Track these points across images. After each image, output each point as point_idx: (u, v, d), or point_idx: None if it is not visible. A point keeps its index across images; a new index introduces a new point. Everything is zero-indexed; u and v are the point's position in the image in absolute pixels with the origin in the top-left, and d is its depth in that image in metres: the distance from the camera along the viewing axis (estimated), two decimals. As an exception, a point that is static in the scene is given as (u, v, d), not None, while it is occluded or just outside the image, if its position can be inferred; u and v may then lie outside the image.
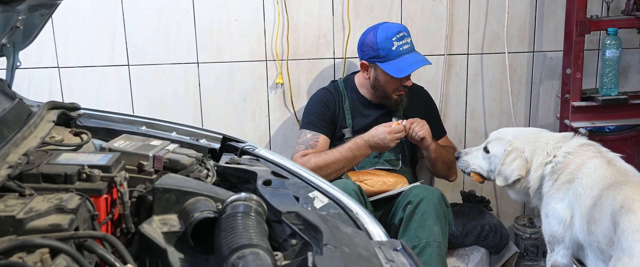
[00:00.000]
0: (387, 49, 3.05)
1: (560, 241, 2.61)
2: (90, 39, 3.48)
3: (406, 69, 3.06)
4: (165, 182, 1.55)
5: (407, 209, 2.85)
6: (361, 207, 1.71)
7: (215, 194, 1.55)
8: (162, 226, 1.47)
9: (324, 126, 3.21)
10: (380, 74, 3.12)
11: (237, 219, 1.37)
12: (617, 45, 3.22)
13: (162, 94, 3.58)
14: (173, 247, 1.44)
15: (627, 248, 2.15)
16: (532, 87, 3.73)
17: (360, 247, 1.37)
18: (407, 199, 2.89)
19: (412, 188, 2.97)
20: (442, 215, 2.84)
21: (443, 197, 2.92)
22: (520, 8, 3.60)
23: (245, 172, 1.79)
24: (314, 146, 3.16)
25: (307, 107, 3.31)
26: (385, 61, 3.07)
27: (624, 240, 2.17)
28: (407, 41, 3.10)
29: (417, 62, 3.09)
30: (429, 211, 2.80)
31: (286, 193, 1.64)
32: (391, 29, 3.08)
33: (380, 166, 3.22)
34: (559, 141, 2.73)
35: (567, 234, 2.58)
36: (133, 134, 2.00)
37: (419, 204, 2.83)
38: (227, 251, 1.27)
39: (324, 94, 3.29)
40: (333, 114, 3.24)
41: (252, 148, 2.07)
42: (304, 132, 3.23)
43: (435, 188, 2.97)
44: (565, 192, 2.59)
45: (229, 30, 3.51)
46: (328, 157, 3.07)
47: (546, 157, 2.70)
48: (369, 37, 3.11)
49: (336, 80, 3.40)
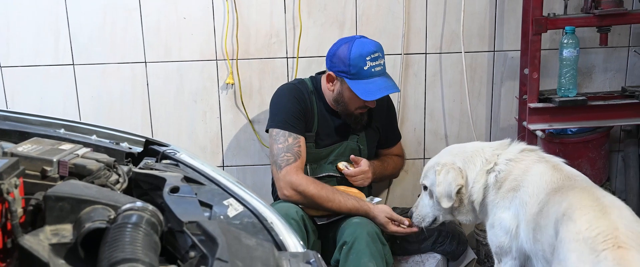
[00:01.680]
0: (359, 67, 2.90)
1: (507, 251, 2.51)
2: (33, 37, 3.36)
3: (374, 93, 2.93)
4: (60, 189, 1.43)
5: (343, 250, 2.80)
6: (277, 216, 1.60)
7: (115, 202, 1.43)
8: (52, 237, 1.36)
9: (301, 127, 3.03)
10: (346, 90, 2.98)
11: (126, 230, 1.26)
12: (575, 45, 3.13)
13: (109, 95, 3.46)
14: (63, 260, 1.34)
15: (563, 259, 2.04)
16: (493, 88, 3.64)
17: (258, 261, 1.27)
18: (343, 239, 2.83)
19: (348, 225, 2.89)
20: (377, 253, 2.78)
21: (378, 235, 2.87)
22: (480, 6, 3.50)
23: (155, 178, 1.68)
24: (298, 153, 2.98)
25: (277, 103, 3.08)
26: (354, 79, 2.93)
27: (561, 250, 2.06)
28: (381, 63, 2.96)
29: (387, 87, 2.96)
30: (362, 249, 2.75)
31: (193, 201, 1.53)
32: (366, 47, 2.92)
33: (335, 172, 3.13)
34: (496, 148, 2.64)
35: (513, 244, 2.48)
36: (46, 137, 1.88)
37: (353, 244, 2.78)
38: (106, 265, 1.17)
39: (293, 89, 3.09)
40: (305, 112, 3.06)
41: (174, 152, 1.96)
42: (282, 133, 3.00)
43: (372, 225, 2.89)
44: (511, 200, 2.49)
45: (178, 29, 3.39)
46: (328, 197, 2.93)
47: (486, 164, 2.60)
48: (342, 50, 2.95)
49: (303, 78, 3.22)
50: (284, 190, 2.93)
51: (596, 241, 1.98)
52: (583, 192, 2.24)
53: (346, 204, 2.95)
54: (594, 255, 1.96)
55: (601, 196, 2.21)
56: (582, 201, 2.17)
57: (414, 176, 3.74)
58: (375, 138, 3.26)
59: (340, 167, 3.09)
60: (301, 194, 2.91)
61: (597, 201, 2.15)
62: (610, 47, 3.55)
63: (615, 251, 1.94)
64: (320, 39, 3.43)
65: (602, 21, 3.18)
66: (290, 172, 2.92)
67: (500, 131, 3.67)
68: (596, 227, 2.02)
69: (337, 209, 2.95)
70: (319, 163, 3.11)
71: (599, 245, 1.97)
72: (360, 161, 3.12)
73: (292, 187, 2.91)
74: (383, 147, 3.35)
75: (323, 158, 3.12)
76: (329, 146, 3.12)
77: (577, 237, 2.02)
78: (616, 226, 2.02)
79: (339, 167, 3.09)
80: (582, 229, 2.04)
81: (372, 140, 3.23)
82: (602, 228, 2.02)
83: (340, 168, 3.09)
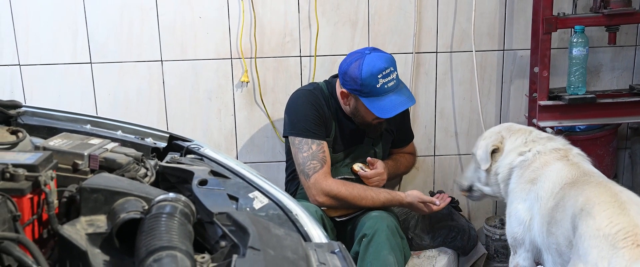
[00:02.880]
0: (371, 86, 2.89)
1: (521, 243, 2.57)
2: (52, 36, 3.43)
3: (389, 110, 2.93)
4: (94, 182, 1.49)
5: (363, 243, 2.84)
6: (301, 209, 1.66)
7: (147, 194, 1.49)
8: (87, 227, 1.42)
9: (322, 132, 3.04)
10: (361, 106, 2.98)
11: (161, 220, 1.32)
12: (584, 43, 3.18)
13: (125, 93, 3.52)
14: (98, 249, 1.39)
15: (583, 254, 2.08)
16: (503, 86, 3.69)
17: (288, 250, 1.32)
18: (362, 231, 2.87)
19: (367, 219, 2.93)
20: (396, 246, 2.83)
21: (397, 228, 2.92)
22: (490, 5, 3.55)
23: (183, 171, 1.74)
24: (324, 159, 2.99)
25: (295, 110, 3.06)
26: (368, 97, 2.92)
27: (581, 245, 2.10)
28: (393, 77, 2.93)
29: (401, 104, 2.95)
30: (382, 242, 2.79)
31: (221, 193, 1.59)
32: (377, 65, 2.88)
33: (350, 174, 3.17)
34: (543, 138, 2.73)
35: (526, 236, 2.54)
36: (74, 132, 1.94)
37: (373, 237, 2.82)
38: (144, 253, 1.22)
39: (310, 95, 3.08)
40: (323, 118, 3.06)
41: (198, 147, 2.02)
42: (305, 141, 2.99)
43: (391, 218, 2.94)
44: (528, 192, 2.55)
45: (193, 28, 3.45)
46: (360, 195, 2.98)
47: (523, 145, 2.69)
48: (352, 69, 2.91)
49: (317, 83, 3.22)
50: (317, 197, 2.94)
51: (617, 237, 2.03)
52: (599, 187, 2.29)
53: (379, 198, 2.99)
54: (614, 251, 2.01)
55: (618, 191, 2.25)
56: (600, 196, 2.21)
57: (425, 173, 3.80)
58: (390, 140, 3.28)
59: (355, 169, 3.11)
60: (334, 198, 2.94)
61: (615, 197, 2.19)
62: (618, 46, 3.60)
63: (634, 250, 2.00)
64: (333, 38, 3.49)
65: (611, 20, 3.22)
66: (319, 180, 2.94)
67: (510, 129, 3.72)
68: (616, 224, 2.07)
69: (371, 205, 2.98)
70: (335, 166, 3.11)
71: (620, 242, 2.02)
72: (376, 162, 3.13)
73: (324, 193, 2.93)
74: (396, 146, 3.37)
75: (339, 161, 3.14)
76: (345, 150, 3.15)
77: (598, 234, 2.07)
78: (636, 222, 2.07)
79: (354, 169, 3.11)
80: (602, 225, 2.08)
81: (387, 142, 3.26)
82: (622, 225, 2.06)
83: (355, 170, 3.11)
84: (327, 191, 2.94)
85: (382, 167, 3.13)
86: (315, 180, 2.94)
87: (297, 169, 3.05)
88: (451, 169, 3.81)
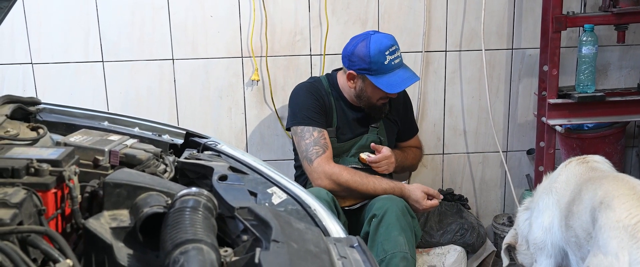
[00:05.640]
0: (380, 63, 2.97)
1: (541, 248, 2.61)
2: (64, 34, 3.45)
3: (398, 85, 3.01)
4: (117, 177, 1.52)
5: (372, 223, 2.85)
6: (320, 204, 1.68)
7: (168, 189, 1.52)
8: (111, 222, 1.44)
9: (322, 121, 3.10)
10: (368, 86, 3.05)
11: (185, 213, 1.34)
12: (593, 42, 3.20)
13: (137, 91, 3.55)
14: (122, 243, 1.42)
15: (603, 245, 2.14)
16: (511, 85, 3.70)
17: (310, 243, 1.34)
18: (372, 211, 2.88)
19: (377, 200, 2.95)
20: (407, 226, 2.84)
21: (407, 208, 2.93)
22: (499, 4, 3.57)
23: (202, 167, 1.77)
24: (325, 145, 3.04)
25: (296, 101, 3.15)
26: (377, 75, 2.99)
27: (601, 237, 2.16)
28: (398, 55, 3.04)
29: (408, 78, 3.04)
30: (392, 223, 2.80)
31: (241, 188, 1.61)
32: (384, 42, 2.99)
33: (358, 164, 3.19)
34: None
35: (547, 239, 2.58)
36: (93, 129, 1.96)
37: (383, 217, 2.82)
38: (170, 246, 1.25)
39: (310, 86, 3.16)
40: (324, 108, 3.13)
41: (214, 144, 2.04)
42: (307, 129, 3.06)
43: (400, 199, 2.95)
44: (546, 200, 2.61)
45: (204, 27, 3.47)
46: (362, 181, 2.99)
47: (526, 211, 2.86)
48: (359, 48, 3.00)
49: (317, 76, 3.31)
50: (319, 180, 2.98)
51: (636, 228, 2.10)
52: (617, 180, 2.35)
53: (381, 185, 3.01)
54: (634, 241, 2.08)
55: (636, 184, 2.31)
56: (619, 189, 2.26)
57: (433, 171, 3.83)
58: (394, 130, 3.31)
59: (362, 158, 3.13)
60: (336, 182, 2.97)
61: (633, 189, 2.26)
62: (627, 45, 3.62)
63: None
64: (343, 37, 3.50)
65: (620, 19, 3.24)
66: (322, 163, 2.98)
67: (518, 127, 3.75)
68: (635, 215, 2.13)
69: (373, 191, 3.00)
70: (342, 156, 3.16)
71: (639, 233, 2.08)
72: (382, 148, 3.16)
73: (327, 177, 2.97)
74: (402, 140, 3.40)
75: (345, 151, 3.18)
76: (351, 139, 3.18)
77: (617, 225, 2.13)
78: None
79: (361, 157, 3.14)
80: (621, 217, 2.15)
81: (392, 131, 3.29)
82: None
83: (363, 158, 3.13)
84: (329, 174, 2.96)
85: (389, 151, 3.16)
86: (318, 164, 2.98)
87: (300, 156, 3.10)
88: (460, 167, 3.83)
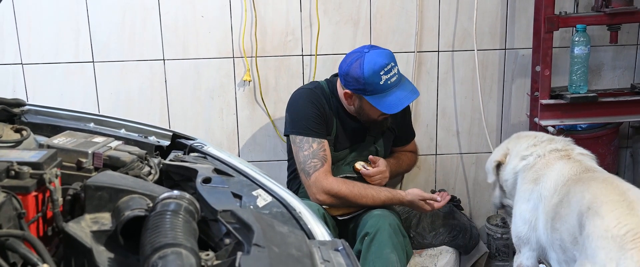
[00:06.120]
0: (375, 84, 2.89)
1: (526, 242, 2.57)
2: (54, 35, 3.43)
3: (395, 105, 2.94)
4: (99, 179, 1.50)
5: (365, 241, 2.84)
6: (304, 207, 1.66)
7: (151, 192, 1.50)
8: (92, 225, 1.42)
9: (323, 131, 3.04)
10: (366, 104, 2.98)
11: (166, 217, 1.32)
12: (586, 42, 3.18)
13: (127, 91, 3.53)
14: (103, 247, 1.40)
15: (591, 255, 2.07)
16: (504, 85, 3.69)
17: (292, 247, 1.33)
18: (365, 230, 2.87)
19: (369, 217, 2.94)
20: (398, 245, 2.83)
21: (399, 227, 2.92)
22: (491, 5, 3.55)
23: (187, 169, 1.75)
24: (324, 158, 2.99)
25: (296, 109, 3.06)
26: (373, 95, 2.92)
27: (589, 245, 2.09)
28: (395, 72, 2.94)
29: (406, 97, 2.95)
30: (385, 241, 2.80)
31: (225, 191, 1.59)
32: (378, 62, 2.87)
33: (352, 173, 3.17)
34: (545, 140, 2.75)
35: (532, 236, 2.54)
36: (77, 130, 1.94)
37: (376, 235, 2.82)
38: (149, 250, 1.23)
39: (311, 94, 3.08)
40: (324, 116, 3.06)
41: (201, 145, 2.02)
42: (306, 140, 2.99)
43: (393, 217, 2.95)
44: (531, 192, 2.56)
45: (195, 27, 3.46)
46: (361, 193, 2.97)
47: (525, 150, 2.71)
48: (353, 68, 2.91)
49: (318, 82, 3.21)
50: (317, 195, 2.94)
51: (625, 239, 2.02)
52: (606, 184, 2.28)
53: (380, 196, 2.99)
54: (622, 253, 1.99)
55: (626, 190, 2.23)
56: (608, 194, 2.19)
57: (426, 172, 3.81)
58: (391, 137, 3.29)
59: (357, 168, 3.10)
60: (335, 196, 2.94)
61: (623, 195, 2.18)
62: (620, 45, 3.61)
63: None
64: (334, 38, 3.50)
65: (613, 19, 3.23)
66: (319, 178, 2.94)
67: (511, 127, 3.73)
68: (625, 225, 2.05)
69: (372, 203, 2.98)
70: (337, 165, 3.12)
71: (628, 243, 2.00)
72: (378, 160, 3.12)
73: (325, 192, 2.93)
74: (398, 145, 3.38)
75: (340, 160, 3.14)
76: (347, 148, 3.14)
77: (606, 235, 2.05)
78: None
79: (356, 167, 3.10)
80: (610, 226, 2.07)
81: (388, 139, 3.26)
82: (631, 226, 2.04)
83: (357, 168, 3.10)
84: (327, 189, 2.93)
85: (384, 165, 3.13)
86: (316, 178, 2.94)
87: (298, 167, 3.05)
88: (453, 168, 3.82)
